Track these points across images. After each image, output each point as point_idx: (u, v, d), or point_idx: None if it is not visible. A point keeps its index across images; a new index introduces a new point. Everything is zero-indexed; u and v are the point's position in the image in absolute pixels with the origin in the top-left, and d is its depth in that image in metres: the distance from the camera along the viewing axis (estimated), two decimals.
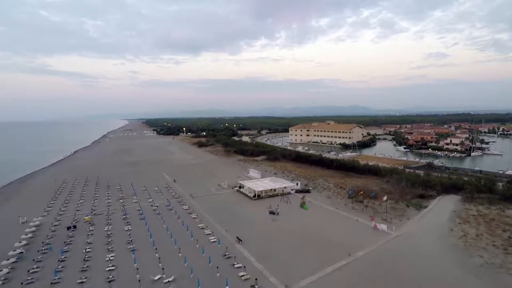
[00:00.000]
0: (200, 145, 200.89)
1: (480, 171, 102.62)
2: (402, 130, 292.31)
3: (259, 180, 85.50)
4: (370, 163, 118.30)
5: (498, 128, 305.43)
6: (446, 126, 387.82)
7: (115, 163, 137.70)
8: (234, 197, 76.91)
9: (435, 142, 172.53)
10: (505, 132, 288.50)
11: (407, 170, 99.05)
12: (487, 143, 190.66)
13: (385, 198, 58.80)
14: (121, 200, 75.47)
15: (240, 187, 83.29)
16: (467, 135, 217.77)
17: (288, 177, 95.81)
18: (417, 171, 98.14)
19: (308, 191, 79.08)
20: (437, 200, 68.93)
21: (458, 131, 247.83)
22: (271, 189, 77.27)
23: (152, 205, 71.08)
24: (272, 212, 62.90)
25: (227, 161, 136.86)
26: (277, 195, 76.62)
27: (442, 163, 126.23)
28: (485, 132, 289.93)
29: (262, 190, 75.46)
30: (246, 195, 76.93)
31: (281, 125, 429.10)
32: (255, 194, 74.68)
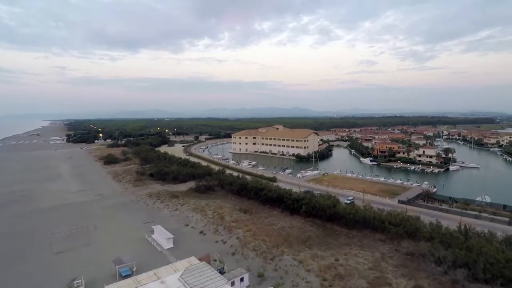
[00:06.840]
0: (108, 161, 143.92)
1: (504, 206, 70.91)
2: (355, 135, 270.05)
3: (158, 275, 38.37)
4: (349, 195, 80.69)
5: (442, 132, 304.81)
6: (390, 129, 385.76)
7: None
8: None
9: (405, 153, 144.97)
10: (450, 136, 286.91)
11: (409, 214, 62.15)
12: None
13: None
14: None
15: None
16: (424, 142, 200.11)
17: (225, 246, 50.85)
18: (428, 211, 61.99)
19: None
20: None
21: (414, 137, 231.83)
22: None
23: None
24: None
25: (132, 195, 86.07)
26: None
27: (434, 186, 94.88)
28: (430, 136, 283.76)
29: None
30: None
31: (225, 128, 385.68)
32: None
